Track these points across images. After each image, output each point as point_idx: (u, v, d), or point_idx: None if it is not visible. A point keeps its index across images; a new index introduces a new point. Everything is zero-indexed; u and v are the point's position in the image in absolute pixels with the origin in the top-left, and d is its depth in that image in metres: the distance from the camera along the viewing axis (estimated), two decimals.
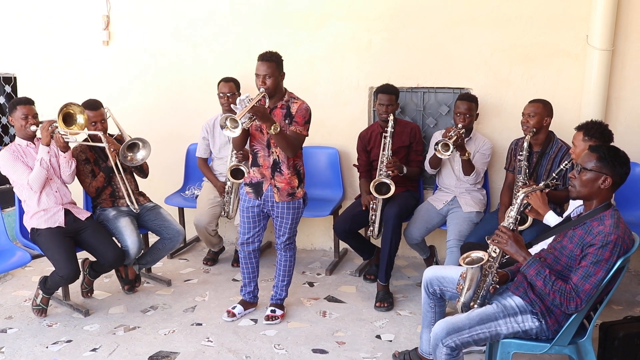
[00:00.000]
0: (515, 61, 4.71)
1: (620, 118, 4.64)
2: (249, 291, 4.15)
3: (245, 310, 4.14)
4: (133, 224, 4.26)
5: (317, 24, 5.08)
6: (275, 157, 3.75)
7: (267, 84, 3.60)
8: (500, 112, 4.78)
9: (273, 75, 3.60)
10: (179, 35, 5.40)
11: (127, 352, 3.64)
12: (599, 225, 2.66)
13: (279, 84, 3.69)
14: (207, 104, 5.27)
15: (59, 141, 4.00)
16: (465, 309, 2.93)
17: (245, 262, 4.07)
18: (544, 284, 2.69)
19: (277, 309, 4.07)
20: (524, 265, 2.77)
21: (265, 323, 3.99)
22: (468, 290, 2.89)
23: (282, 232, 3.92)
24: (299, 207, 3.88)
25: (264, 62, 3.60)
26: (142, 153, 4.25)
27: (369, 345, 3.72)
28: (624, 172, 2.73)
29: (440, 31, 4.82)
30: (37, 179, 3.95)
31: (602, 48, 4.42)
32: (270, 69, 3.59)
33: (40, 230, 3.99)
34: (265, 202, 3.85)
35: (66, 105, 4.06)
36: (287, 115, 3.70)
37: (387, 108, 4.42)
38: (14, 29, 5.78)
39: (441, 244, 4.72)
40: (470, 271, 2.84)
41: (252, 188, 3.87)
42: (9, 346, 3.71)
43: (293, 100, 3.74)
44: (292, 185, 3.80)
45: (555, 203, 4.03)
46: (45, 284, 4.01)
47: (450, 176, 4.51)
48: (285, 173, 3.77)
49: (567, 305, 2.64)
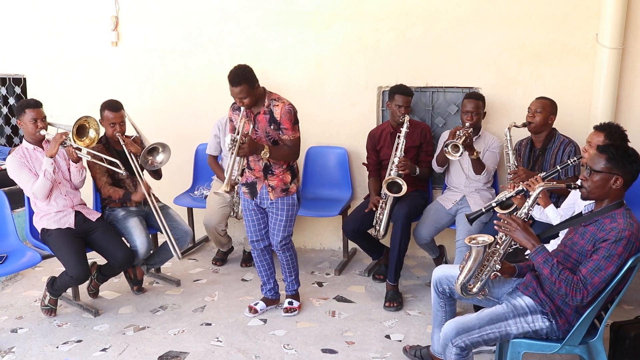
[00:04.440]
0: (524, 60, 4.69)
1: (630, 117, 4.60)
2: (269, 288, 4.20)
3: (268, 306, 4.20)
4: (142, 224, 4.27)
5: (324, 23, 5.07)
6: (265, 161, 3.79)
7: (245, 103, 3.65)
8: (509, 111, 4.75)
9: (248, 94, 3.62)
10: (188, 35, 5.41)
11: (137, 352, 3.65)
12: (612, 222, 2.65)
13: (257, 95, 3.70)
14: (215, 104, 5.27)
15: (72, 155, 3.98)
16: (464, 291, 2.93)
17: (259, 260, 4.12)
18: (551, 272, 2.66)
19: (294, 301, 4.14)
20: (532, 252, 2.74)
21: (284, 315, 4.05)
22: (469, 270, 2.87)
23: (275, 231, 3.94)
24: (293, 204, 3.91)
25: (234, 87, 3.61)
26: (162, 156, 4.27)
27: (378, 345, 3.71)
28: (634, 170, 2.71)
29: (449, 30, 4.80)
30: (41, 190, 3.95)
31: (612, 47, 4.39)
32: (243, 91, 3.60)
33: (51, 231, 4.00)
34: (261, 200, 3.90)
35: (84, 117, 4.06)
36: (272, 121, 3.72)
37: (405, 110, 4.42)
38: (23, 30, 5.82)
39: (451, 243, 4.70)
40: (475, 250, 2.82)
41: (248, 188, 3.92)
42: (20, 346, 3.73)
43: (274, 102, 3.73)
44: (285, 181, 3.84)
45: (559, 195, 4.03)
46: (53, 286, 4.03)
47: (459, 175, 4.49)
48: (277, 172, 3.83)
49: (573, 296, 2.62)
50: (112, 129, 4.21)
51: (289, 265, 4.10)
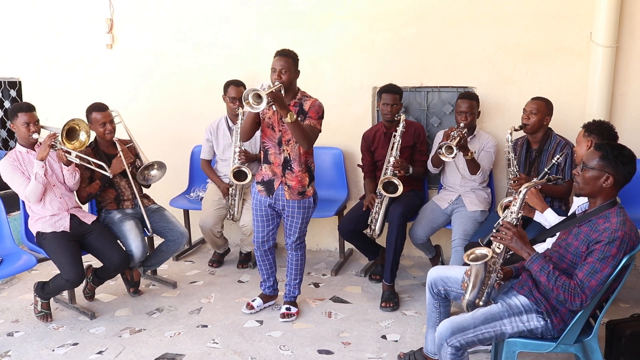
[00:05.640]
0: (519, 59, 4.70)
1: (625, 115, 4.61)
2: (268, 285, 4.22)
3: (265, 303, 4.20)
4: (138, 228, 4.27)
5: (320, 24, 5.08)
6: (286, 154, 3.77)
7: (282, 78, 3.64)
8: (504, 110, 4.76)
9: (289, 70, 3.66)
10: (182, 37, 5.41)
11: (133, 354, 3.65)
12: (605, 222, 2.64)
13: (294, 81, 3.74)
14: (211, 106, 5.28)
15: (62, 158, 3.98)
16: (471, 308, 2.91)
17: (262, 261, 4.12)
18: (548, 280, 2.67)
19: (291, 307, 4.11)
20: (528, 261, 2.75)
21: (281, 321, 4.03)
22: (473, 288, 2.87)
23: (292, 232, 3.94)
24: (309, 207, 3.90)
25: (281, 57, 3.66)
26: (157, 172, 4.41)
27: (375, 345, 3.71)
28: (627, 171, 2.69)
29: (444, 30, 4.81)
30: (33, 193, 3.95)
31: (606, 45, 4.40)
32: (287, 64, 3.65)
33: (46, 234, 4.00)
34: (276, 200, 3.87)
35: (73, 120, 4.04)
36: (300, 112, 3.72)
37: (392, 108, 4.41)
38: (18, 34, 5.82)
39: (447, 243, 4.70)
40: (475, 268, 2.82)
41: (264, 186, 3.89)
42: (16, 349, 3.73)
43: (306, 98, 3.78)
44: (303, 183, 3.82)
45: (554, 197, 4.02)
46: (44, 289, 4.01)
47: (455, 175, 4.49)
48: (296, 170, 3.79)
49: (572, 301, 2.62)
50: (103, 129, 4.21)
51: (297, 266, 4.07)
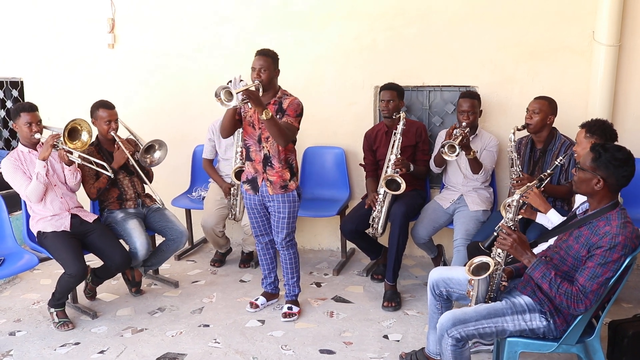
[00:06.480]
0: (520, 58, 4.69)
1: (628, 114, 4.60)
2: (269, 282, 4.24)
3: (268, 301, 4.22)
4: (141, 226, 4.27)
5: (320, 24, 5.07)
6: (265, 151, 3.82)
7: (261, 77, 3.68)
8: (506, 110, 4.75)
9: (268, 69, 3.70)
10: (184, 37, 5.41)
11: (135, 354, 3.65)
12: (606, 225, 2.62)
13: (273, 80, 3.78)
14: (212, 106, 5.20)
15: (63, 158, 3.98)
16: None
17: (262, 254, 4.16)
18: (550, 287, 2.66)
19: (293, 306, 4.12)
20: (529, 267, 2.74)
21: (283, 320, 4.03)
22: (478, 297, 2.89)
23: (279, 229, 3.96)
24: (294, 201, 3.92)
25: (260, 57, 3.73)
26: (159, 153, 4.32)
27: (377, 345, 3.70)
28: (621, 174, 2.63)
29: (445, 29, 4.80)
30: (34, 193, 3.95)
31: (608, 44, 4.39)
32: (266, 63, 3.70)
33: (47, 234, 4.00)
34: (262, 196, 3.92)
35: (75, 120, 4.03)
36: (279, 111, 3.77)
37: (388, 104, 4.41)
38: (20, 34, 5.82)
39: (449, 242, 4.69)
40: (477, 280, 2.84)
41: (250, 184, 3.95)
42: (18, 349, 3.73)
43: (285, 96, 3.81)
44: (283, 177, 3.85)
45: (556, 198, 4.01)
46: (54, 296, 3.99)
47: (457, 174, 4.48)
48: (276, 167, 3.83)
49: (576, 307, 2.61)
50: (108, 126, 4.21)
51: (291, 265, 4.09)
